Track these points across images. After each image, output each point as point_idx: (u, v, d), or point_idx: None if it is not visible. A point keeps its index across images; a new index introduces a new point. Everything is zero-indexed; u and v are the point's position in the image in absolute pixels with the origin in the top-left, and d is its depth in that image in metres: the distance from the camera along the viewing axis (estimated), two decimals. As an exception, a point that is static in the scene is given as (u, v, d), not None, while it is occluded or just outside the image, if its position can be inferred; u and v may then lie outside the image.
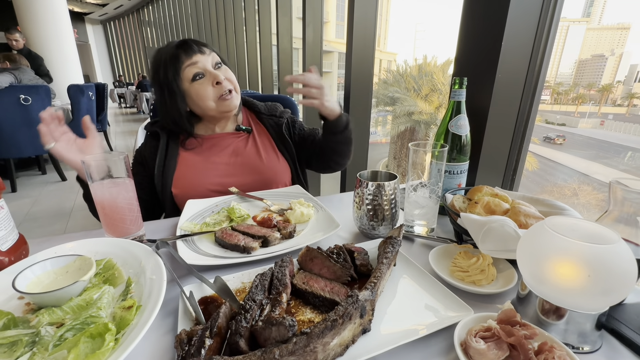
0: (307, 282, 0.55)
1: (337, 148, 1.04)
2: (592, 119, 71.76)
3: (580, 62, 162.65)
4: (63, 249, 0.61)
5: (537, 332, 0.43)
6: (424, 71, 16.17)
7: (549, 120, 66.19)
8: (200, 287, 0.56)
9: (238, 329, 0.43)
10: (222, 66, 0.99)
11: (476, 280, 0.57)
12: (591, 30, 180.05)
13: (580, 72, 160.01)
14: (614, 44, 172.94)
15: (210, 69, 0.95)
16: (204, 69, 0.94)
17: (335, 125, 0.98)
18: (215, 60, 0.97)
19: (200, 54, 0.95)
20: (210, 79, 0.95)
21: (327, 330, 0.40)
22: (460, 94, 0.81)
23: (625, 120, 66.56)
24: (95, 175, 0.68)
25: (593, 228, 0.47)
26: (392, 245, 0.60)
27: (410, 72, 16.74)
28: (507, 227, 0.58)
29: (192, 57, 0.93)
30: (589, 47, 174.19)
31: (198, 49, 0.95)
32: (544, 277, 0.45)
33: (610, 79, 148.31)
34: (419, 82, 15.69)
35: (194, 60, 0.93)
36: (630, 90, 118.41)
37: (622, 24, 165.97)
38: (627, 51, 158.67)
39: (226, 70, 0.99)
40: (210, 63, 0.96)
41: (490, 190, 0.73)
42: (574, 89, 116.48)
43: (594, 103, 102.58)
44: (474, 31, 0.91)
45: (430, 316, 0.50)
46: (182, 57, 0.93)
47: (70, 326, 0.44)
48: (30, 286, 0.52)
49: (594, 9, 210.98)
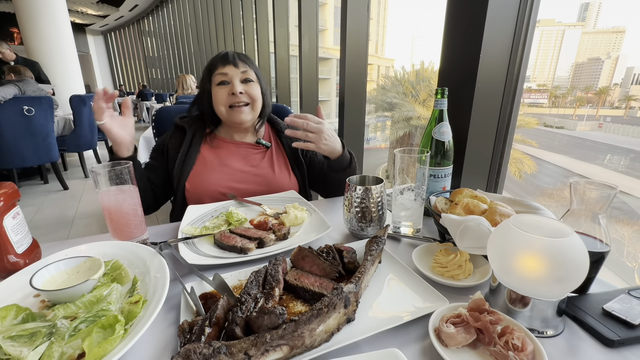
0: (298, 278, 0.60)
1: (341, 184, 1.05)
2: (590, 121, 72.08)
3: (577, 65, 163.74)
4: (74, 251, 0.66)
5: (502, 318, 0.48)
6: (421, 77, 16.35)
7: (547, 124, 66.47)
8: (201, 285, 0.61)
9: (234, 318, 0.47)
10: (252, 83, 1.09)
11: (454, 275, 0.62)
12: (587, 34, 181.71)
13: (577, 76, 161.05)
14: (610, 47, 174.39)
15: (235, 80, 1.06)
16: (230, 78, 1.06)
17: (337, 164, 1.02)
18: (247, 77, 1.08)
19: (234, 66, 1.06)
20: (229, 88, 1.06)
21: (314, 317, 0.45)
22: (442, 102, 0.87)
23: (623, 122, 66.86)
24: (103, 184, 0.74)
25: (554, 224, 0.52)
26: (376, 244, 0.65)
27: (408, 78, 16.92)
28: (482, 225, 0.63)
29: (225, 67, 1.06)
30: (585, 51, 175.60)
31: (233, 61, 1.06)
32: (510, 269, 0.50)
33: (607, 81, 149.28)
34: (417, 88, 15.86)
35: (225, 70, 1.05)
36: (627, 92, 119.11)
37: (617, 28, 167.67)
38: (623, 54, 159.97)
39: (253, 87, 1.09)
40: (239, 76, 1.07)
41: (471, 192, 0.79)
42: (572, 92, 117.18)
43: (591, 106, 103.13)
44: (454, 45, 0.98)
45: (410, 307, 0.55)
46: (218, 65, 1.07)
47: (83, 318, 0.49)
48: (45, 284, 0.57)
49: (588, 13, 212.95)
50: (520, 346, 0.43)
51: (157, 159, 1.13)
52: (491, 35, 0.89)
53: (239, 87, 1.05)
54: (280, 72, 3.70)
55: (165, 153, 1.13)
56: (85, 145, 4.38)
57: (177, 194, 1.09)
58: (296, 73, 3.20)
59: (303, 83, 2.93)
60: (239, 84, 1.06)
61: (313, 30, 2.66)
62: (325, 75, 28.60)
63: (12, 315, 0.51)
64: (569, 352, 0.47)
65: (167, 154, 1.12)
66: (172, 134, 1.15)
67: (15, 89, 3.32)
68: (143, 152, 2.41)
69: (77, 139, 4.21)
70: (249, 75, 1.08)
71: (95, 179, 0.73)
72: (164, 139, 1.15)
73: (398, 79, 17.15)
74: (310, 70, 2.92)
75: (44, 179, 4.14)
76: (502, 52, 0.92)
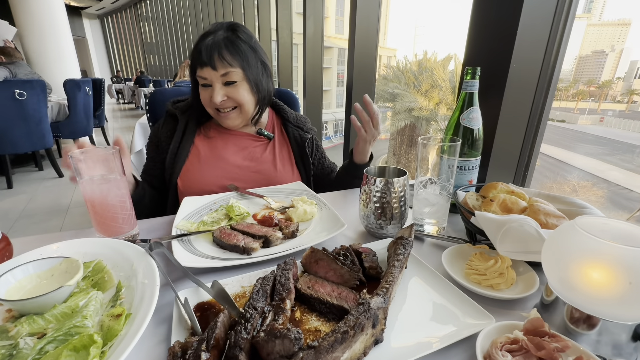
0: (312, 286, 0.51)
1: (352, 184, 1.04)
2: (591, 115, 71.67)
3: (581, 58, 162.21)
4: (48, 251, 0.56)
5: (570, 345, 0.39)
6: (424, 67, 16.06)
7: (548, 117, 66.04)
8: (197, 292, 0.52)
9: (237, 341, 0.38)
10: (236, 84, 0.92)
11: (494, 285, 0.53)
12: (592, 26, 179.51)
13: (580, 69, 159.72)
14: (615, 40, 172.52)
15: (216, 85, 0.91)
16: (211, 82, 0.91)
17: (359, 169, 1.00)
18: (228, 79, 0.91)
19: (212, 69, 0.89)
20: (210, 92, 0.92)
21: (337, 343, 0.36)
22: (473, 84, 0.77)
23: (625, 116, 66.48)
24: (85, 172, 0.64)
25: (627, 228, 0.42)
26: (403, 247, 0.55)
27: (410, 68, 16.63)
28: (528, 226, 0.53)
29: (202, 69, 0.90)
30: (589, 43, 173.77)
31: (210, 63, 0.89)
32: (574, 282, 0.41)
33: (610, 75, 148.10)
34: (419, 78, 15.58)
35: (204, 74, 0.91)
36: (630, 86, 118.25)
37: (622, 20, 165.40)
38: (627, 47, 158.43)
39: (237, 89, 0.93)
40: (219, 80, 0.91)
41: (506, 187, 0.69)
42: (574, 86, 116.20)
43: (593, 99, 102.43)
44: (487, 17, 0.86)
45: (448, 325, 0.46)
46: (196, 65, 0.92)
47: (52, 337, 0.40)
48: (10, 291, 0.48)
49: (594, 5, 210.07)
50: (597, 383, 0.34)
51: (153, 158, 1.02)
52: (530, 12, 0.78)
53: (219, 94, 0.90)
54: (282, 59, 3.56)
55: (159, 146, 1.01)
56: (81, 132, 4.26)
57: (170, 194, 0.99)
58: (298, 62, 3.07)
59: (307, 70, 2.80)
60: (220, 88, 0.91)
61: (319, 12, 2.52)
62: (326, 64, 28.17)
63: (-33, 330, 0.41)
64: (647, 386, 0.39)
65: (161, 147, 1.01)
66: (164, 122, 1.03)
67: (6, 72, 3.18)
68: (139, 140, 2.32)
69: (72, 125, 4.08)
70: (231, 77, 0.91)
71: (75, 167, 0.63)
72: (156, 130, 1.04)
73: (400, 69, 16.86)
74: (314, 57, 2.78)
75: (38, 165, 4.03)
76: (541, 30, 0.81)
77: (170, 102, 1.05)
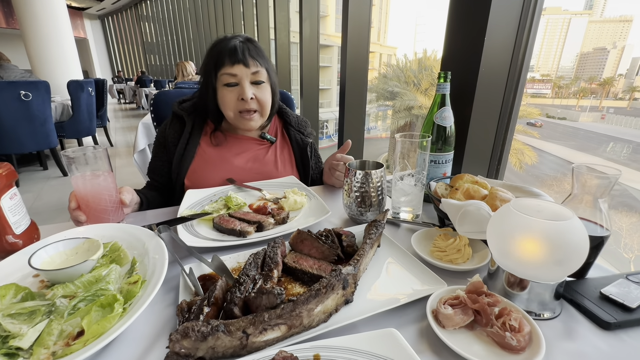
0: (297, 260, 0.60)
1: None
2: (593, 112, 71.50)
3: (582, 55, 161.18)
4: (73, 233, 0.66)
5: (500, 300, 0.48)
6: (423, 65, 16.12)
7: (549, 114, 65.95)
8: (199, 266, 0.61)
9: (233, 299, 0.48)
10: (263, 85, 0.98)
11: (453, 259, 0.62)
12: (593, 23, 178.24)
13: (582, 66, 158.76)
14: (616, 36, 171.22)
15: (245, 83, 0.95)
16: (239, 80, 0.95)
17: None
18: (257, 78, 0.96)
19: (244, 65, 0.93)
20: (238, 91, 0.96)
21: (312, 298, 0.45)
22: (445, 87, 0.86)
23: (626, 113, 66.33)
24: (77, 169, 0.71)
25: (554, 208, 0.51)
26: (375, 228, 0.65)
27: (410, 66, 16.69)
28: (482, 210, 0.62)
29: (233, 66, 0.93)
30: (591, 40, 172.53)
31: (243, 59, 0.93)
32: (510, 252, 0.50)
33: (612, 72, 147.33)
34: (419, 77, 15.65)
35: (234, 70, 0.94)
36: (631, 83, 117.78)
37: (624, 17, 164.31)
38: (629, 44, 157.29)
39: (263, 90, 0.98)
40: (249, 77, 0.95)
41: (471, 178, 0.78)
42: (575, 83, 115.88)
43: (595, 97, 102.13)
44: (458, 27, 0.95)
45: (408, 289, 0.55)
46: (225, 62, 0.94)
47: (82, 297, 0.49)
48: (44, 265, 0.57)
49: (596, 1, 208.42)
50: (517, 327, 0.43)
51: (160, 157, 1.07)
52: (497, 19, 0.87)
53: (249, 91, 0.94)
54: (280, 59, 3.64)
55: (166, 146, 1.06)
56: (84, 131, 4.36)
57: (176, 189, 1.05)
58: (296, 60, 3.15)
59: (303, 70, 2.89)
60: (249, 87, 0.95)
61: (314, 13, 2.61)
62: (326, 63, 28.21)
63: (12, 294, 0.51)
64: (565, 334, 0.48)
65: (167, 147, 1.06)
66: (170, 123, 1.07)
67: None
68: (142, 139, 2.40)
69: (75, 124, 4.18)
70: (260, 77, 0.95)
71: (67, 164, 0.71)
72: (163, 130, 1.08)
73: (400, 68, 16.93)
74: (311, 57, 2.87)
75: (43, 165, 4.13)
76: (507, 37, 0.90)
77: (176, 103, 1.09)
